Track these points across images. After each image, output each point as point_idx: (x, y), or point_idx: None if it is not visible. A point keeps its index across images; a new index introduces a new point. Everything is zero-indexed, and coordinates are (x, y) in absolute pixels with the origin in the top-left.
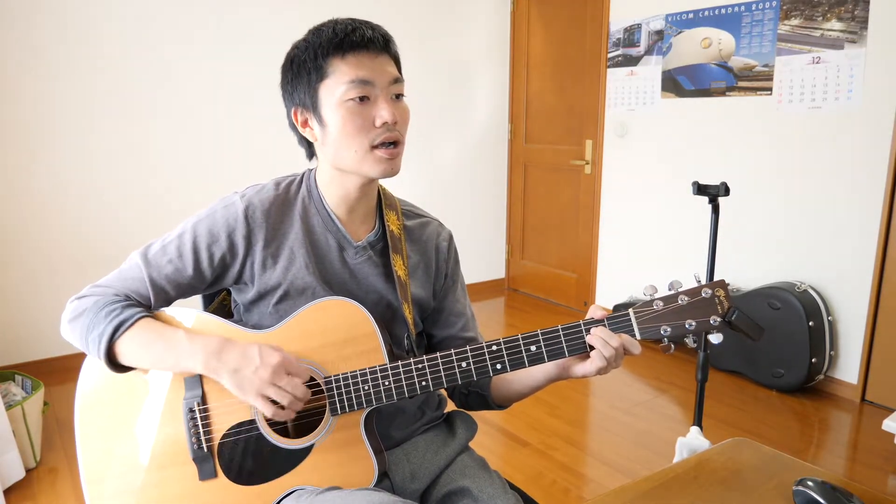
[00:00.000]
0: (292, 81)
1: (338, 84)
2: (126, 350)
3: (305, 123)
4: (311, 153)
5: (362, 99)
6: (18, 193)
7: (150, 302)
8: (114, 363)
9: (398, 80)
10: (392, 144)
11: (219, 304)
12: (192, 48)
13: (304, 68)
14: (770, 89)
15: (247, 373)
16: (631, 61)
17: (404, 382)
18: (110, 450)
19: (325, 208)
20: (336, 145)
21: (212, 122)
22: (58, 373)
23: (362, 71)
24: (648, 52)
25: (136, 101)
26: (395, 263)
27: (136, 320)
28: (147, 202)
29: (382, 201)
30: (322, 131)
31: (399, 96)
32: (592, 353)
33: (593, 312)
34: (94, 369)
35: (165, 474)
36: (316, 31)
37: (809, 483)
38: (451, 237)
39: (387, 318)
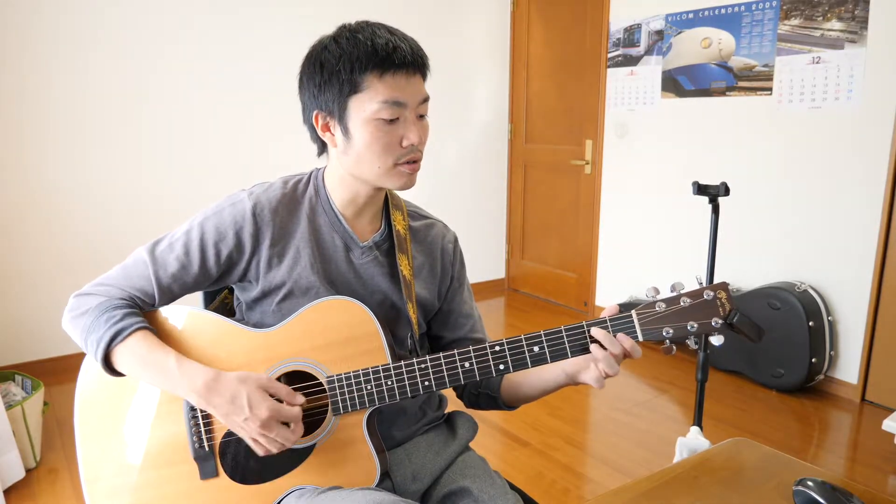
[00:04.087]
0: (320, 85)
1: (371, 101)
2: (122, 360)
3: (326, 128)
4: (322, 150)
5: (392, 119)
6: (18, 194)
7: (155, 300)
8: (111, 367)
9: (427, 100)
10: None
11: (220, 302)
12: (195, 48)
13: (336, 77)
14: (770, 89)
15: (237, 420)
16: (631, 61)
17: (407, 382)
18: (110, 449)
19: (332, 208)
20: (359, 159)
21: (217, 122)
22: (58, 373)
23: (397, 92)
24: (648, 52)
25: (137, 102)
26: (400, 263)
27: (133, 332)
28: (147, 202)
29: (389, 201)
30: (345, 142)
31: (423, 115)
32: (592, 366)
33: (606, 312)
34: (94, 368)
35: (166, 473)
36: (352, 39)
37: (809, 483)
38: (456, 239)
39: (391, 318)
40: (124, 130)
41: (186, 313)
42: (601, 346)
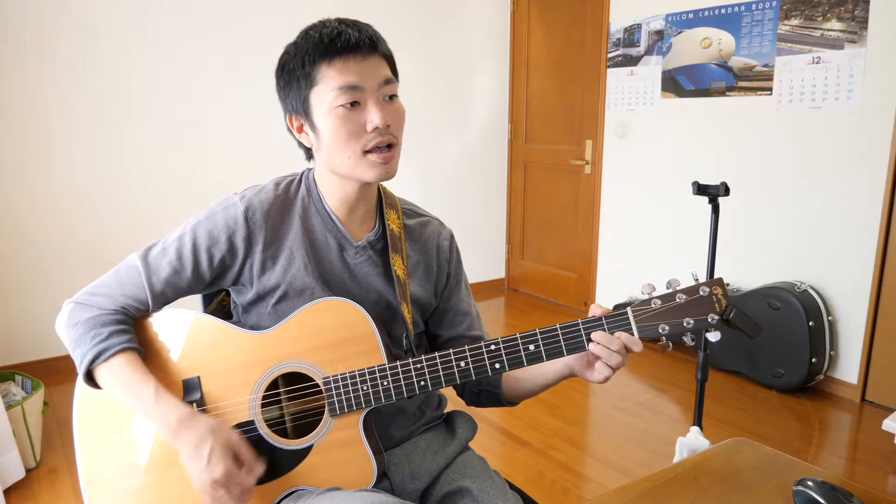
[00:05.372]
0: (284, 88)
1: (327, 91)
2: (104, 379)
3: (301, 129)
4: (309, 155)
5: (353, 104)
6: (19, 194)
7: (149, 306)
8: (94, 382)
9: (389, 81)
10: (386, 147)
11: (217, 304)
12: (194, 52)
13: (293, 75)
14: (770, 89)
15: (194, 468)
16: (631, 61)
17: (403, 382)
18: (109, 451)
19: (324, 208)
20: (329, 151)
21: (215, 125)
22: (58, 373)
23: (350, 76)
24: (648, 52)
25: (138, 104)
26: (394, 263)
27: (116, 353)
28: (146, 204)
29: (383, 200)
30: (316, 137)
31: (392, 97)
32: (597, 365)
33: (594, 311)
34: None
35: (164, 475)
36: (304, 35)
37: (809, 483)
38: (451, 236)
39: (386, 318)
40: (124, 133)
41: (183, 316)
42: (600, 344)
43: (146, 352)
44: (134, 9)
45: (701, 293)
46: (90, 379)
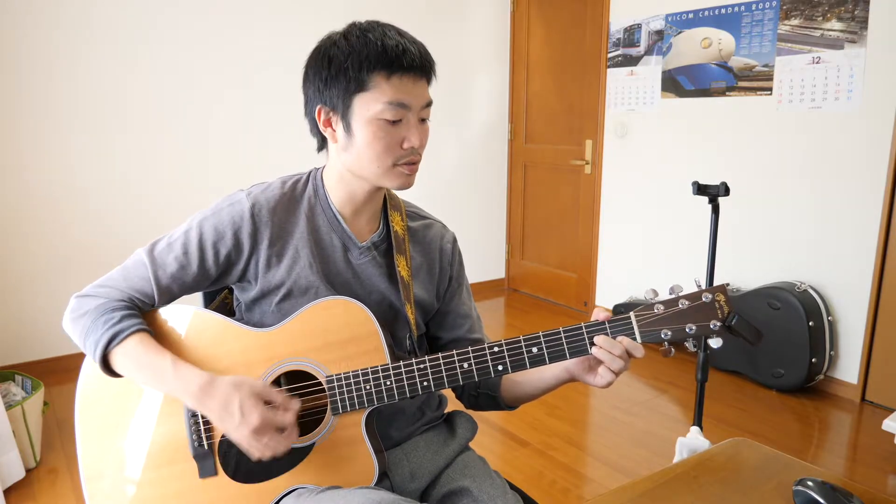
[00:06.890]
0: (326, 80)
1: (376, 101)
2: (119, 362)
3: (328, 123)
4: (322, 146)
5: (394, 120)
6: (18, 194)
7: (155, 300)
8: (109, 368)
9: (429, 105)
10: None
11: (220, 302)
12: (195, 49)
13: (343, 74)
14: (770, 89)
15: (229, 426)
16: (631, 61)
17: (406, 382)
18: (110, 447)
19: (330, 208)
20: (359, 156)
21: (216, 123)
22: (58, 373)
23: (402, 94)
24: (648, 52)
25: (137, 103)
26: (398, 264)
27: (130, 334)
28: (147, 203)
29: (387, 202)
30: (347, 139)
31: (425, 119)
32: (600, 369)
33: (597, 315)
34: (95, 367)
35: (166, 471)
36: (361, 37)
37: (809, 483)
38: (454, 239)
39: (389, 319)
40: (124, 132)
41: (187, 312)
42: (603, 348)
43: None
44: (133, 7)
45: (703, 299)
46: (104, 365)
